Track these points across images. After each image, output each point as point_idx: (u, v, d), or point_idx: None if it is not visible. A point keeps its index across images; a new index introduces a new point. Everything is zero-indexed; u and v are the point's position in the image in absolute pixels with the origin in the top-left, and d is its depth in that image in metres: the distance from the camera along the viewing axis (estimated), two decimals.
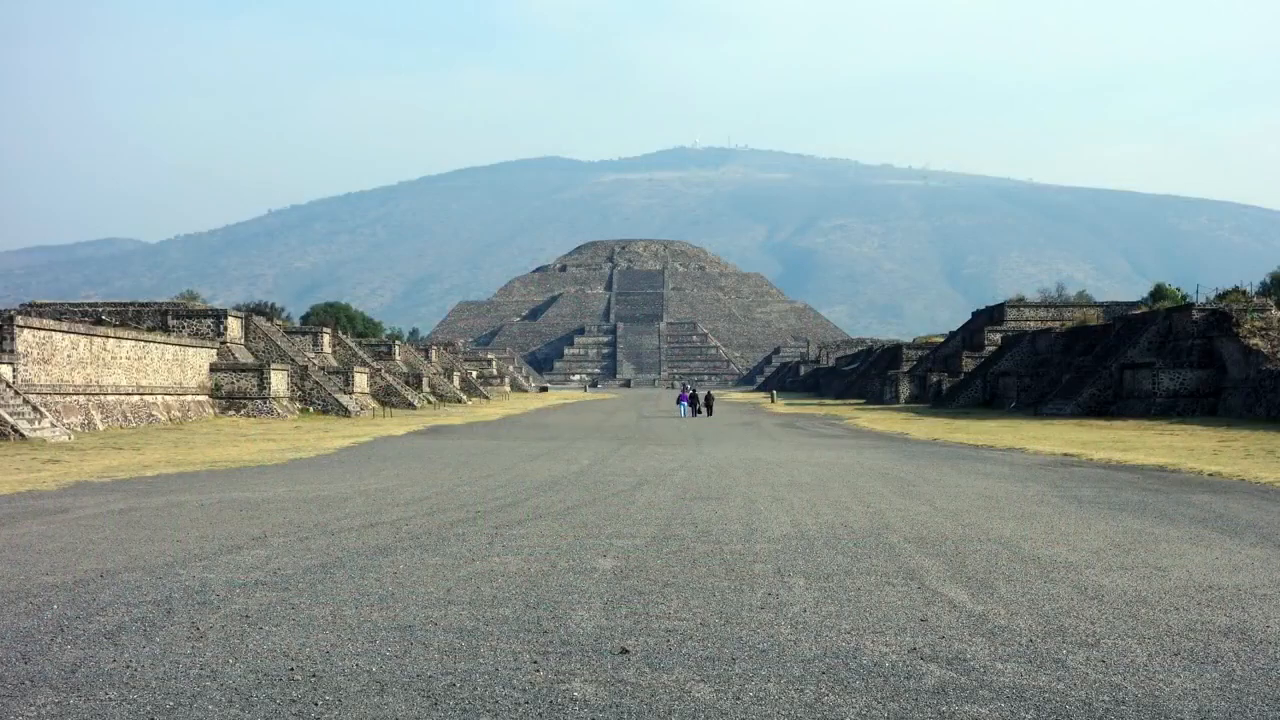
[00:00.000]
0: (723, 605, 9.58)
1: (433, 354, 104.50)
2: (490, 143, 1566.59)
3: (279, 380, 56.06)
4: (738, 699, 7.02)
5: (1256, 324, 49.22)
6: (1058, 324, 75.43)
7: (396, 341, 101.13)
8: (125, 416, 44.11)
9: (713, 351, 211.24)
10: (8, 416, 33.78)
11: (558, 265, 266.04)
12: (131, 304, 60.00)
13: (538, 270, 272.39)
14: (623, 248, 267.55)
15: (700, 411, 61.96)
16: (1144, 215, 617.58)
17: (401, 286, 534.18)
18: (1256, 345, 47.51)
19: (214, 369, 54.62)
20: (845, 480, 21.37)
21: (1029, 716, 6.75)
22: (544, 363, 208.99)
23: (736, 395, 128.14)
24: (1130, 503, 17.59)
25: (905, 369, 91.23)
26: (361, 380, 68.55)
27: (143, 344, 48.03)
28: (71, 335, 42.53)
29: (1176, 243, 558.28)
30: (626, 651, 8.05)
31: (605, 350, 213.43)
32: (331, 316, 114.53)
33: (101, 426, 41.15)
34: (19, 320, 39.10)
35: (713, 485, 20.27)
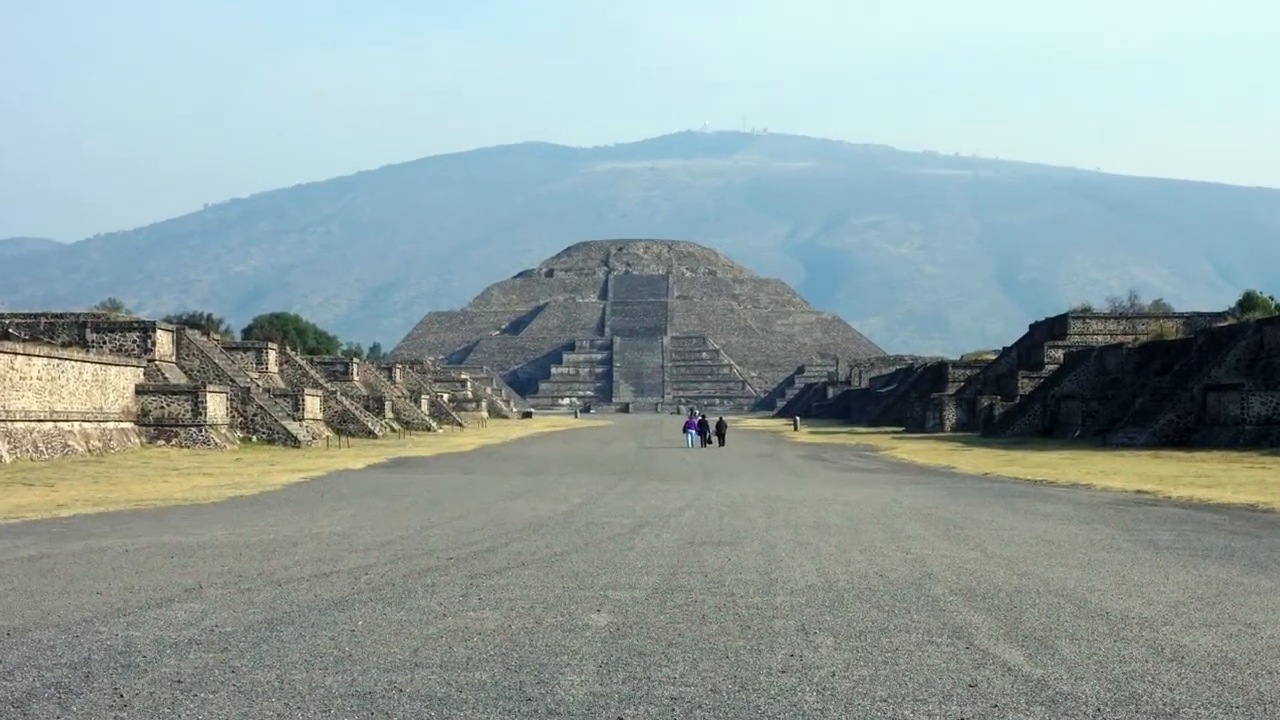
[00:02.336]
0: (737, 668, 9.58)
1: (397, 374, 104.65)
2: (464, 126, 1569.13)
3: (217, 404, 56.07)
4: None
5: None
6: (1130, 338, 75.50)
7: (355, 359, 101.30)
8: (37, 447, 44.11)
9: (725, 371, 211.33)
10: None
11: (544, 270, 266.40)
12: (44, 315, 60.09)
13: (520, 276, 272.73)
14: (620, 249, 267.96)
15: (710, 441, 62.01)
16: (1231, 210, 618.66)
17: (360, 294, 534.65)
18: None
19: (140, 391, 54.63)
20: (881, 522, 21.38)
21: None
22: (528, 384, 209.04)
23: (753, 422, 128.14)
24: (1215, 548, 17.60)
25: (951, 391, 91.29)
26: (313, 404, 68.57)
27: (57, 362, 48.07)
28: None
29: (1269, 242, 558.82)
30: None
31: (599, 369, 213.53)
32: (278, 330, 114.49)
33: (9, 459, 41.16)
34: None
35: (725, 528, 20.28)
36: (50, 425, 46.43)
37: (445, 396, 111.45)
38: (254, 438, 58.10)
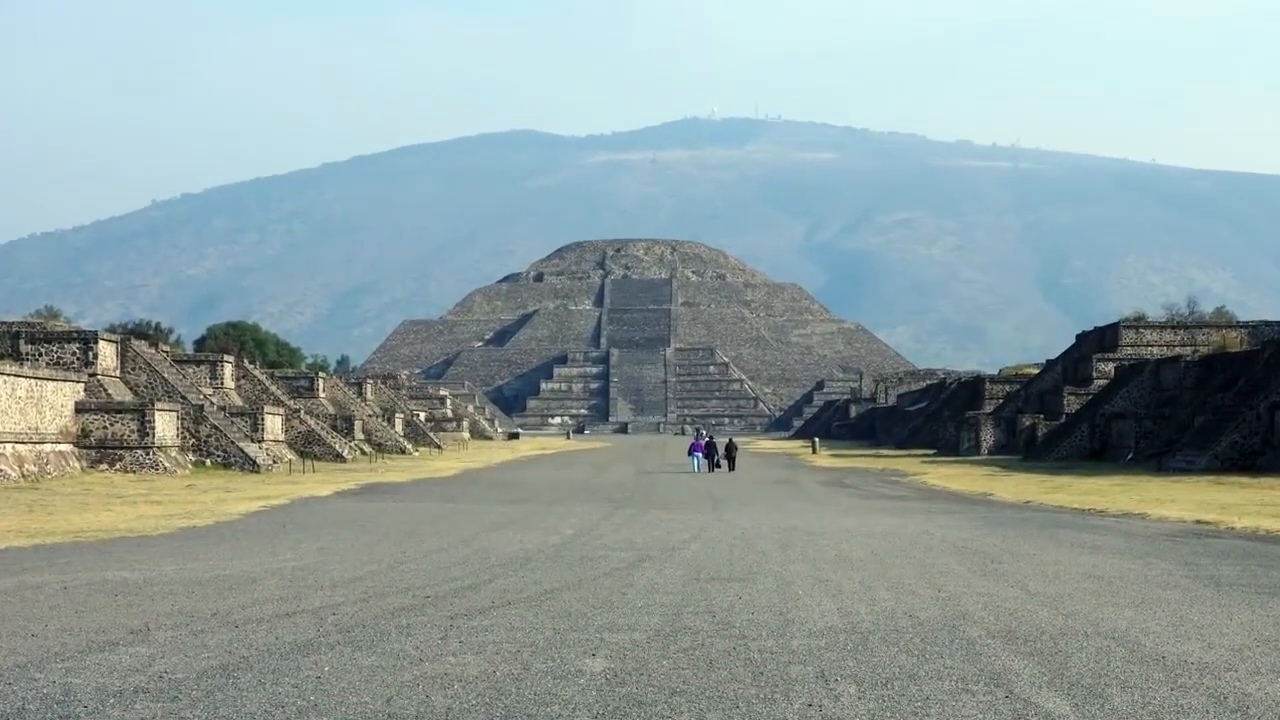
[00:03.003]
0: None
1: (368, 390, 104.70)
2: (443, 113, 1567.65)
3: (166, 424, 56.08)
4: None
5: None
6: (1188, 350, 75.54)
7: (321, 374, 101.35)
8: None
9: (735, 387, 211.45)
10: None
11: (532, 273, 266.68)
12: None
13: (506, 280, 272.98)
14: (617, 250, 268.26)
15: (719, 465, 62.03)
16: None
17: (326, 301, 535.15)
18: None
19: (81, 409, 54.63)
20: (910, 555, 21.42)
21: None
22: (514, 401, 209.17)
23: (767, 444, 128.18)
24: None
25: (988, 409, 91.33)
26: (274, 424, 68.58)
27: None
28: None
29: None
30: None
31: (595, 385, 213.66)
32: (235, 340, 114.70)
33: None
34: None
35: (736, 562, 20.32)
36: None
37: (422, 415, 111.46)
38: (208, 461, 58.12)
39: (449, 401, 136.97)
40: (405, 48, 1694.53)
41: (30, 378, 51.57)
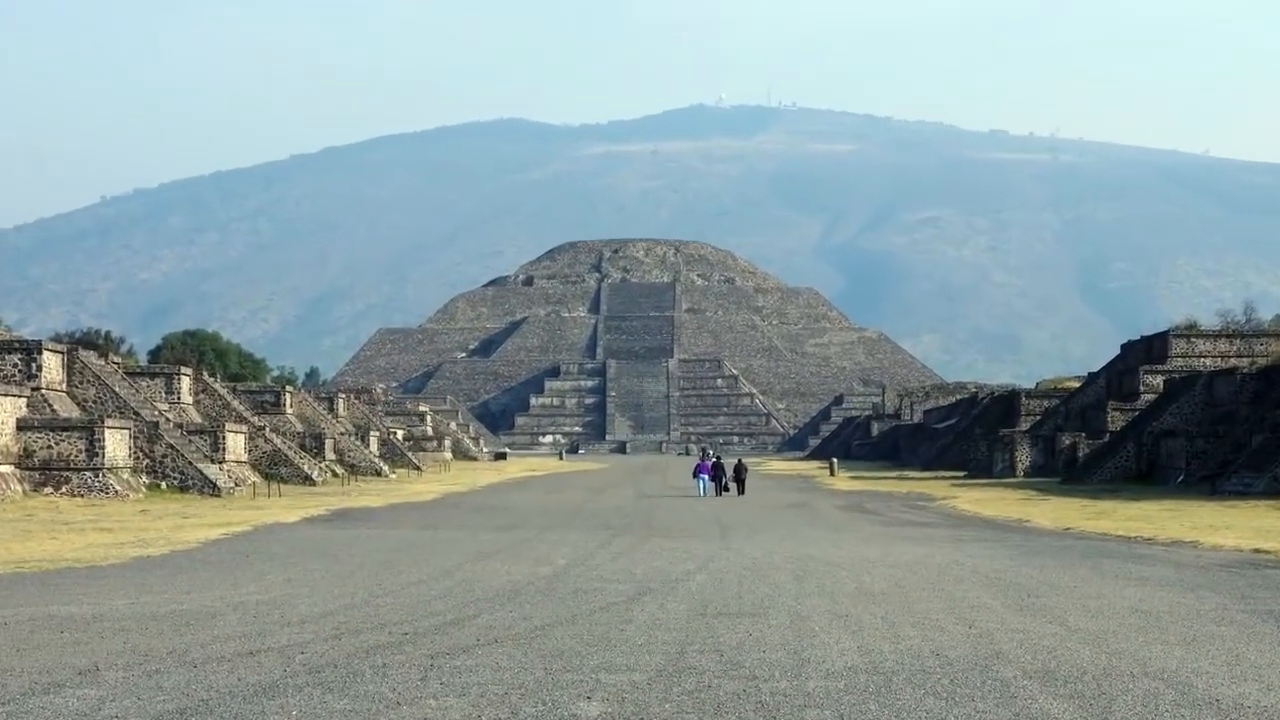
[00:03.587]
0: None
1: (340, 405, 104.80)
2: (423, 100, 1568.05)
3: (117, 443, 56.08)
4: None
5: None
6: (1245, 361, 75.54)
7: (288, 387, 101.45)
8: None
9: (745, 402, 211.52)
10: None
11: (521, 277, 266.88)
12: None
13: (492, 284, 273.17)
14: (615, 251, 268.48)
15: (727, 488, 62.06)
16: None
17: (294, 307, 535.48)
18: None
19: (23, 426, 54.64)
20: (938, 588, 21.43)
21: None
22: (501, 418, 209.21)
23: (780, 465, 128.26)
24: None
25: (1024, 427, 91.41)
26: (237, 443, 68.63)
27: None
28: None
29: None
30: None
31: (590, 400, 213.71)
32: (193, 351, 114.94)
33: None
34: None
35: (745, 595, 20.33)
36: None
37: (399, 433, 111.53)
38: (163, 484, 58.12)
39: (429, 418, 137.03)
40: (381, 28, 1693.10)
41: None
